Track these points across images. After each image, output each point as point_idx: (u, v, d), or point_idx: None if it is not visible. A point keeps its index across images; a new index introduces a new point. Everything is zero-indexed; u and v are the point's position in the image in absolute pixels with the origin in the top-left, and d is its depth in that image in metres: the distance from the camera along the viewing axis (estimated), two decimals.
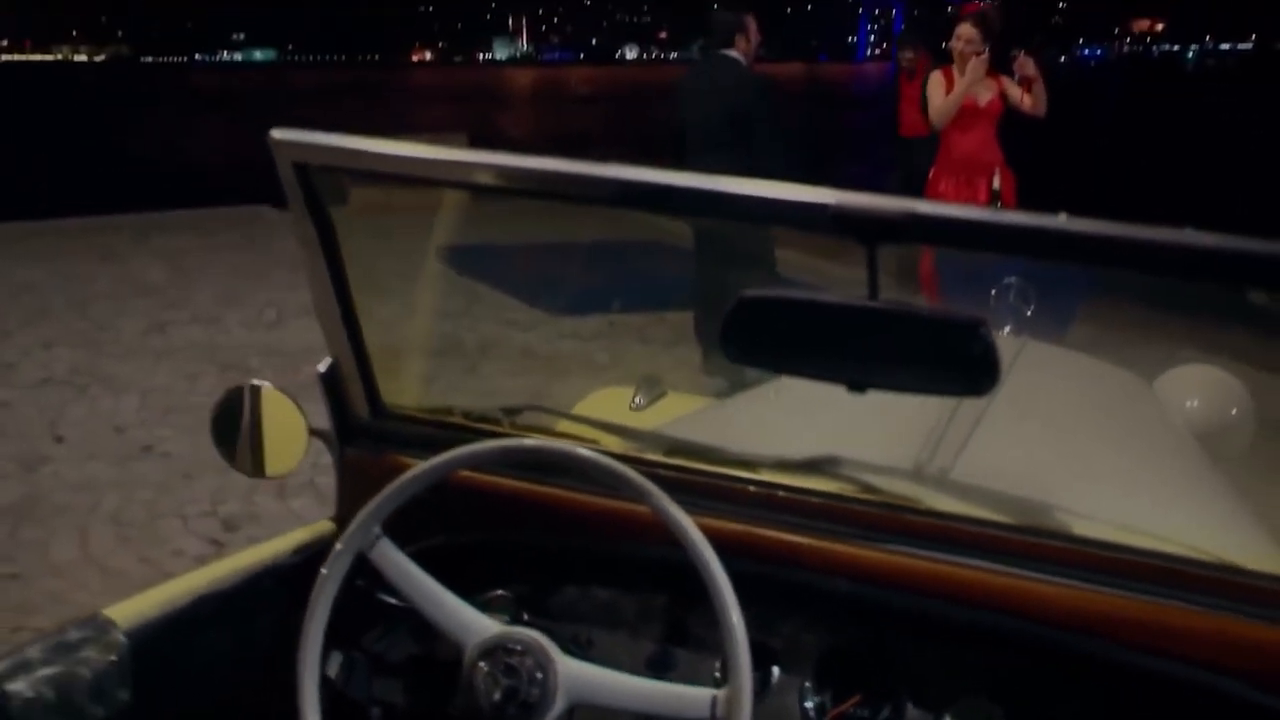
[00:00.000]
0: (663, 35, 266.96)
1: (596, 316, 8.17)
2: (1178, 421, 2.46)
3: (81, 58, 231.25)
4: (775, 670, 1.45)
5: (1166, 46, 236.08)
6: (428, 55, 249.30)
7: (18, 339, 7.58)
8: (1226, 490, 2.01)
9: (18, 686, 1.42)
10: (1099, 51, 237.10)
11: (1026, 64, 6.96)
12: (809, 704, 1.46)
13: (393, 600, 1.54)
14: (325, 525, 1.81)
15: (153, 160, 25.68)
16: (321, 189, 1.63)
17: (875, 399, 1.33)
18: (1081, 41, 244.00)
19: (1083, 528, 1.41)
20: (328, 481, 4.79)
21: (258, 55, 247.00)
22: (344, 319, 1.73)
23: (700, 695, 1.32)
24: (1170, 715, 1.30)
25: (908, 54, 9.66)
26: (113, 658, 1.51)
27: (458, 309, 8.51)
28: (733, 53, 6.57)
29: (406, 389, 1.93)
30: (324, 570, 1.48)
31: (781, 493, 1.50)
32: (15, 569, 4.30)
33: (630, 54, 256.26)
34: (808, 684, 1.47)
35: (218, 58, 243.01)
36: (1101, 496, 1.59)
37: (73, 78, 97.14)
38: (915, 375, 1.28)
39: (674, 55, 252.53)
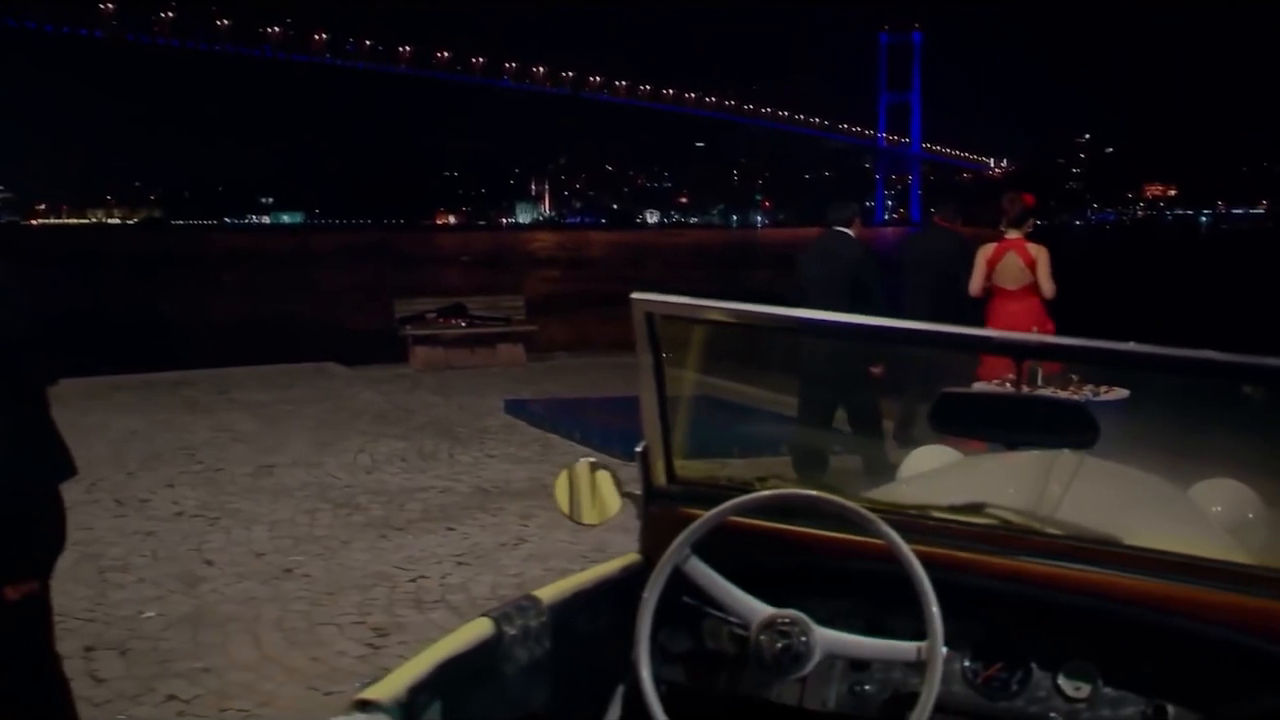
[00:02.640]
0: (683, 200, 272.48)
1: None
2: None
3: (115, 220, 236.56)
4: (944, 648, 2.17)
5: (1180, 211, 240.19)
6: (451, 219, 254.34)
7: (142, 479, 8.34)
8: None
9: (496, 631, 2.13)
10: (1110, 216, 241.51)
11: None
12: (968, 666, 2.18)
13: (691, 600, 2.26)
14: (633, 556, 2.52)
15: (204, 319, 26.84)
16: (659, 331, 2.39)
17: (1006, 465, 2.11)
18: (1095, 206, 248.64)
19: (1143, 541, 2.17)
20: (460, 599, 5.52)
21: (285, 219, 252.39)
22: (660, 417, 2.47)
23: (909, 646, 2.05)
24: (1214, 666, 2.03)
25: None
26: (542, 620, 2.21)
27: (536, 456, 9.25)
28: (849, 230, 8.00)
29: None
30: (653, 576, 2.22)
31: (951, 524, 2.26)
32: (205, 664, 5.01)
33: (651, 218, 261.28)
34: (967, 654, 2.19)
35: (246, 220, 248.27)
36: (1155, 529, 2.34)
37: (109, 240, 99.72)
38: (1048, 435, 2.07)
39: (694, 220, 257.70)
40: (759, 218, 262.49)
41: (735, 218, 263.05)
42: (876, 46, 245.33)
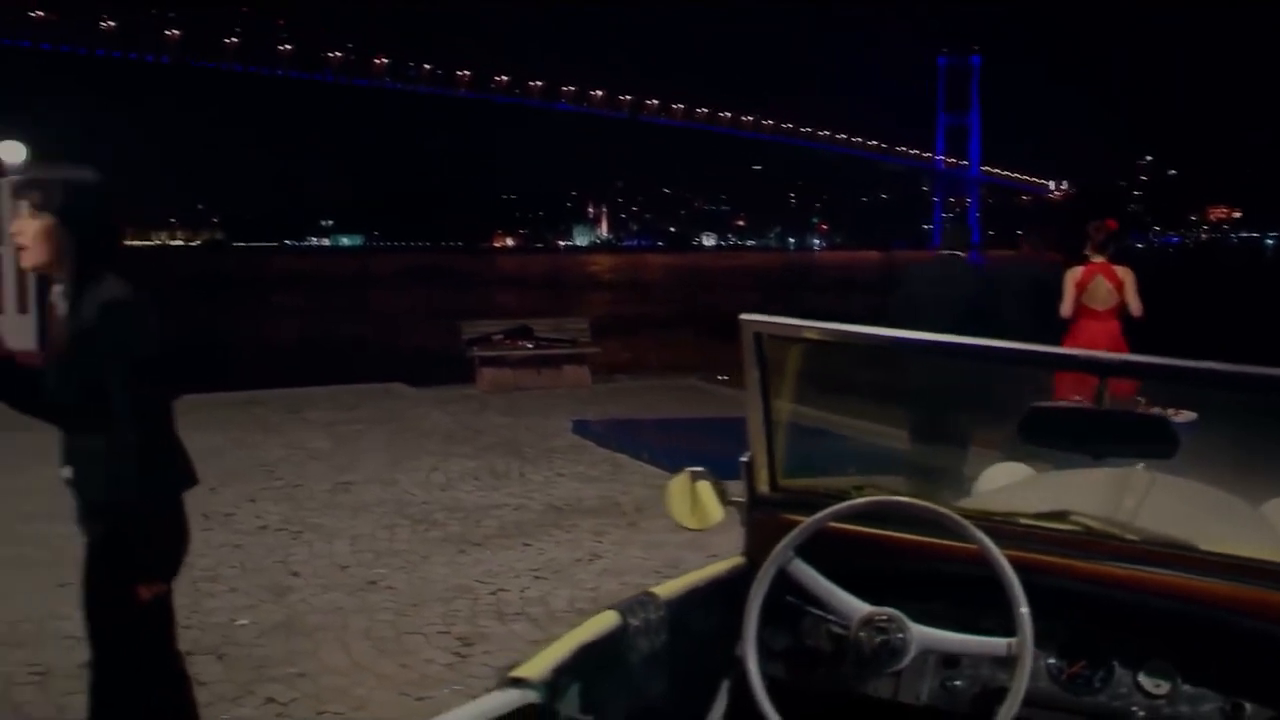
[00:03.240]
0: (740, 223, 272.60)
1: (733, 482, 8.96)
2: None
3: (178, 242, 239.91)
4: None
5: (1245, 234, 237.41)
6: (509, 241, 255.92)
7: (224, 495, 8.60)
8: None
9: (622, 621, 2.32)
10: (1173, 239, 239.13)
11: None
12: (1053, 664, 2.32)
13: (793, 600, 2.43)
14: (738, 559, 2.69)
15: (268, 341, 27.29)
16: (766, 350, 2.57)
17: (1082, 480, 2.27)
18: (1157, 229, 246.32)
19: (1215, 547, 2.31)
20: (539, 612, 5.70)
21: (344, 241, 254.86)
22: (765, 431, 2.65)
23: (1000, 641, 2.21)
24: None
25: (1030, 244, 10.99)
26: (660, 614, 2.39)
27: (605, 475, 9.43)
28: (960, 252, 8.36)
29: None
30: (761, 572, 2.39)
31: (1036, 530, 2.42)
32: (300, 670, 5.22)
33: (708, 241, 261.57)
34: (1052, 652, 2.33)
35: (306, 243, 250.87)
36: (1227, 537, 2.48)
37: (172, 261, 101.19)
38: (1132, 446, 2.24)
39: (750, 243, 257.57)
40: (816, 240, 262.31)
41: (792, 240, 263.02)
42: (935, 69, 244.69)
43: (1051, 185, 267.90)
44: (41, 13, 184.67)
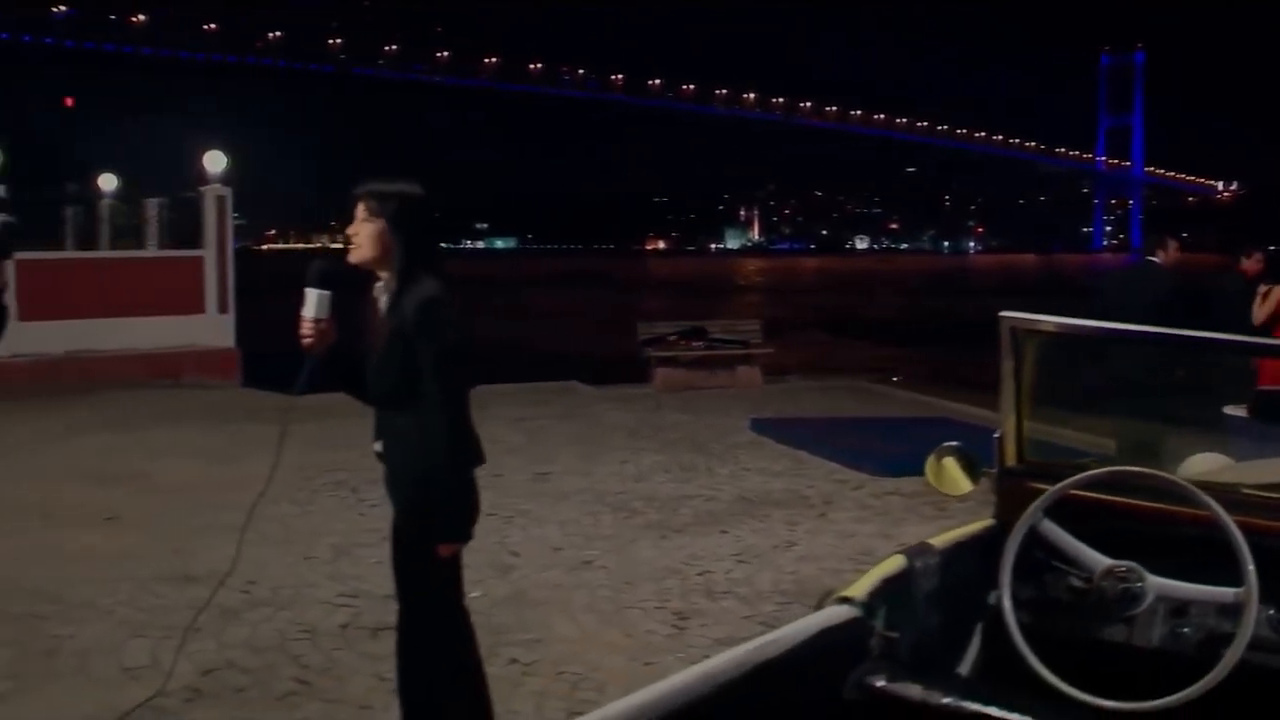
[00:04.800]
0: (893, 226, 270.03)
1: (913, 478, 9.27)
2: None
3: (338, 246, 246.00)
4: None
5: None
6: (661, 244, 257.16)
7: None
8: None
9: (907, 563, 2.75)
10: None
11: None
12: (1272, 615, 2.68)
13: (1039, 555, 2.84)
14: (988, 521, 3.10)
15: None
16: (1021, 343, 3.00)
17: None
18: None
19: None
20: (746, 591, 6.12)
21: (499, 244, 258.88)
22: (1015, 411, 3.07)
23: (1227, 591, 2.59)
24: None
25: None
26: (934, 561, 2.83)
27: (789, 470, 9.84)
28: (1156, 259, 8.85)
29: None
30: (1014, 531, 2.81)
31: (1257, 498, 2.81)
32: (534, 636, 5.76)
33: (860, 244, 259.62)
34: (1271, 605, 2.69)
35: (461, 245, 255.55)
36: None
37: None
38: None
39: (904, 246, 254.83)
40: (971, 244, 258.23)
41: (946, 244, 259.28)
42: (1096, 68, 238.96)
43: (1220, 185, 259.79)
44: (214, 25, 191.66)
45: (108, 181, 23.56)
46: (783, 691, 2.22)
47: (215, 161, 17.88)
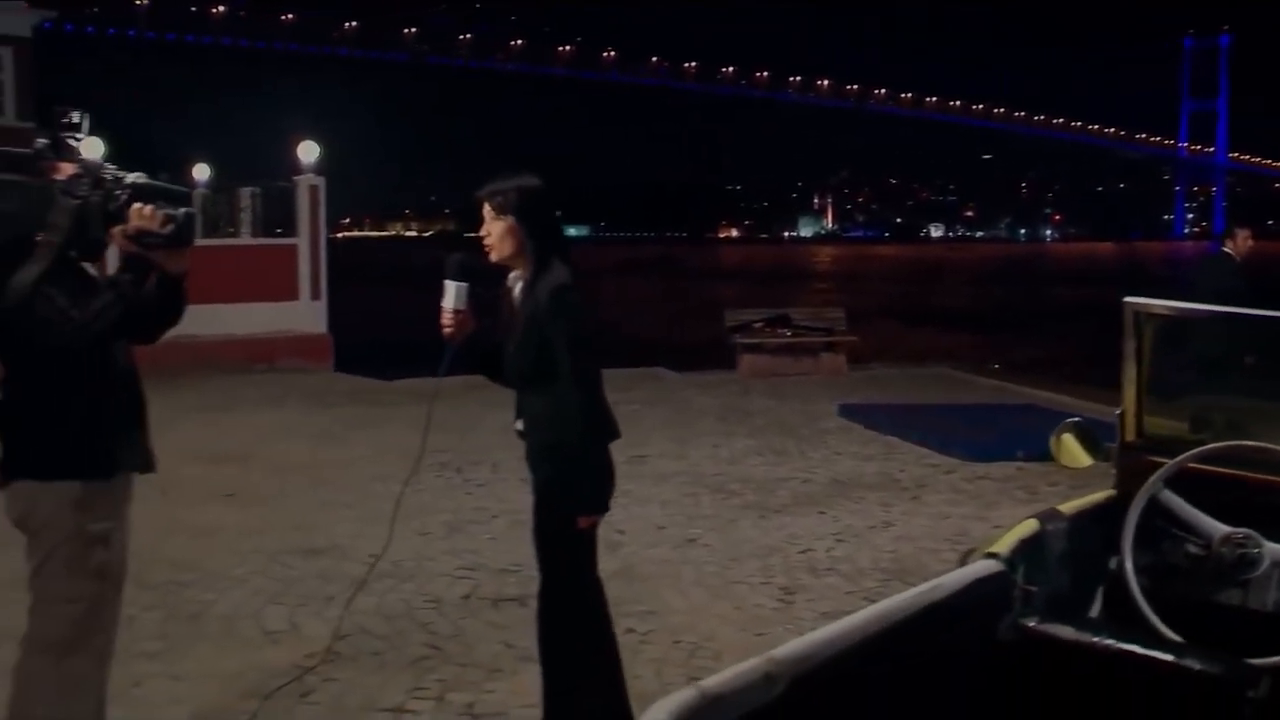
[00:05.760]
0: (969, 213, 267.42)
1: (1003, 464, 9.43)
2: None
3: (411, 233, 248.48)
4: None
5: None
6: (734, 232, 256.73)
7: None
8: None
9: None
10: None
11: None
12: None
13: (1159, 523, 3.05)
14: (1110, 492, 3.32)
15: None
16: (1143, 327, 3.22)
17: None
18: None
19: None
20: (848, 569, 6.32)
21: (572, 231, 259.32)
22: (1136, 389, 3.31)
23: None
24: None
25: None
26: (1062, 527, 3.04)
27: (879, 454, 10.03)
28: (1228, 248, 9.34)
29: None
30: (1135, 501, 3.02)
31: None
32: (648, 608, 6.03)
33: (935, 232, 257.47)
34: None
35: None
36: None
37: (409, 251, 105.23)
38: None
39: (979, 234, 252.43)
40: (1048, 231, 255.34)
41: (1023, 231, 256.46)
42: (1179, 52, 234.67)
43: None
44: (291, 15, 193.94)
45: (201, 171, 24.22)
46: (944, 631, 2.45)
47: (309, 152, 18.32)
